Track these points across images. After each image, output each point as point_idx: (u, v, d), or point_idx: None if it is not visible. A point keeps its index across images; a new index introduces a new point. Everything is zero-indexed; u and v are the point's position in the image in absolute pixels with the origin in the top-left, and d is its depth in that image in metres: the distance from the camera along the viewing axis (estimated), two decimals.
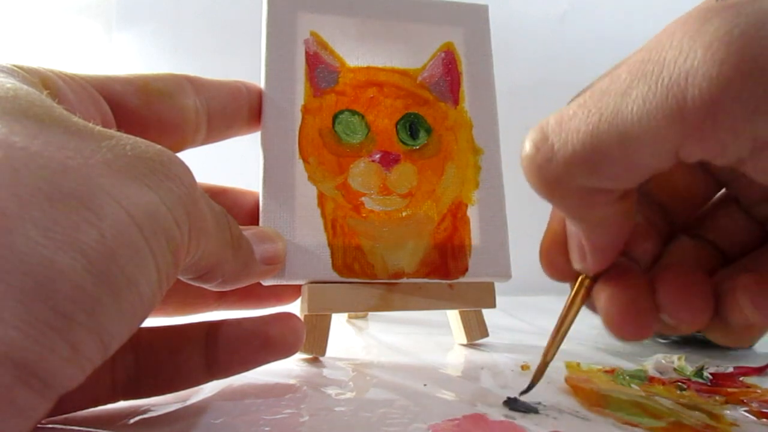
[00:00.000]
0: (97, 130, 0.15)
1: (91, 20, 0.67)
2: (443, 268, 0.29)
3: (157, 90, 0.23)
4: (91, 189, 0.13)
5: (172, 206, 0.15)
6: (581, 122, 0.14)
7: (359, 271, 0.27)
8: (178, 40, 0.68)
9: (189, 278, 0.19)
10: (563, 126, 0.15)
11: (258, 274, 0.23)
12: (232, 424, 0.20)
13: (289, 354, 0.23)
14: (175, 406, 0.22)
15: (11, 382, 0.11)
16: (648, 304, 0.18)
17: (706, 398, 0.25)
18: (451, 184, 0.30)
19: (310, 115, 0.28)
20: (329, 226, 0.27)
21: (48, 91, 0.16)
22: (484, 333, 0.32)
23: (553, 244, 0.20)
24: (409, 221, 0.28)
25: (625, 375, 0.27)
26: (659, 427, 0.21)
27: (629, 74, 0.14)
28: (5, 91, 0.14)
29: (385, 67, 0.30)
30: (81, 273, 0.12)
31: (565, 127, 0.15)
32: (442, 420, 0.20)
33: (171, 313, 0.26)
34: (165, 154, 0.15)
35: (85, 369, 0.12)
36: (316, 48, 0.29)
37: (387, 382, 0.25)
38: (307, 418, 0.21)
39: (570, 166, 0.15)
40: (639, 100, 0.13)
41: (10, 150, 0.12)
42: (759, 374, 0.29)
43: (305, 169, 0.28)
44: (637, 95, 0.13)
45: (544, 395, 0.24)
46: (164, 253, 0.14)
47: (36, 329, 0.11)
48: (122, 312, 0.13)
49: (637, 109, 0.13)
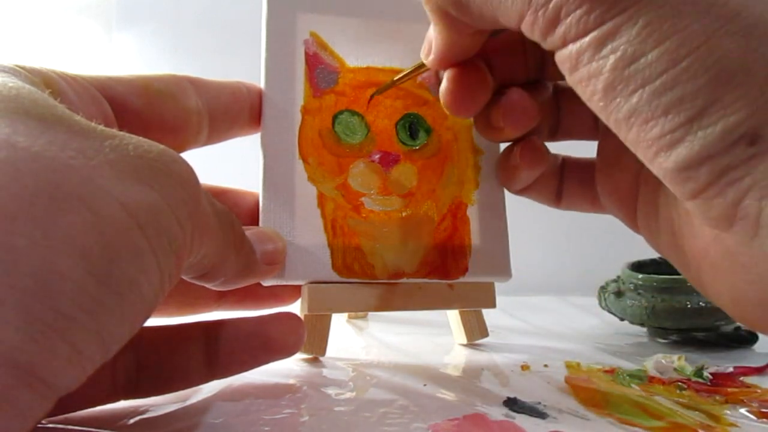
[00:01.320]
0: (99, 129, 0.15)
1: (91, 20, 0.67)
2: (443, 268, 0.29)
3: (159, 91, 0.23)
4: (93, 189, 0.13)
5: (175, 206, 0.15)
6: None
7: (359, 272, 0.27)
8: (178, 40, 0.68)
9: (190, 277, 0.19)
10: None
11: (259, 274, 0.23)
12: (232, 424, 0.20)
13: (290, 354, 0.23)
14: (175, 406, 0.22)
15: (12, 383, 0.11)
16: (478, 84, 0.24)
17: (706, 398, 0.25)
18: (451, 184, 0.30)
19: (310, 116, 0.28)
20: (329, 227, 0.27)
21: (50, 91, 0.16)
22: (484, 333, 0.32)
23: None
24: (409, 221, 0.28)
25: (625, 375, 0.27)
26: (659, 427, 0.21)
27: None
28: (8, 90, 0.14)
29: (384, 67, 0.30)
30: (82, 274, 0.12)
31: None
32: (442, 420, 0.20)
33: (171, 313, 0.27)
34: (168, 154, 0.15)
35: (86, 370, 0.12)
36: (316, 48, 0.29)
37: (387, 382, 0.25)
38: (307, 418, 0.21)
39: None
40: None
41: (13, 150, 0.12)
42: (759, 374, 0.29)
43: (305, 169, 0.28)
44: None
45: (544, 395, 0.24)
46: (166, 254, 0.14)
47: (37, 330, 0.11)
48: (123, 313, 0.13)
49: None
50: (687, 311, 0.34)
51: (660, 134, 0.16)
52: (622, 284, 0.39)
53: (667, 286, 0.36)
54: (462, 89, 0.24)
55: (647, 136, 0.16)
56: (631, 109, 0.16)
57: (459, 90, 0.24)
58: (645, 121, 0.16)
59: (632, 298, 0.37)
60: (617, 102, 0.16)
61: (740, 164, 0.15)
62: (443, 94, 0.25)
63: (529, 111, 0.24)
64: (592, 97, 0.17)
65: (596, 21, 0.16)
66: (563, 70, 0.18)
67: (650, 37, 0.15)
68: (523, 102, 0.24)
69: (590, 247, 0.65)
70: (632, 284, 0.38)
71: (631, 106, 0.16)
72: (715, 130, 0.15)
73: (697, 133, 0.15)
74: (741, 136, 0.15)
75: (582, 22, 0.16)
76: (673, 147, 0.16)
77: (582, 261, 0.63)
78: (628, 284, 0.38)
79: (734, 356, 0.33)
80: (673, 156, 0.16)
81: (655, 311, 0.35)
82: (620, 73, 0.16)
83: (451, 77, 0.24)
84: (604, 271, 0.43)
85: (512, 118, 0.24)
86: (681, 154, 0.16)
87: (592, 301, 0.43)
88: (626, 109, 0.16)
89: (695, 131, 0.15)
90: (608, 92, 0.16)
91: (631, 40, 0.16)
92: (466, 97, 0.24)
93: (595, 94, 0.17)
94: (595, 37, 0.16)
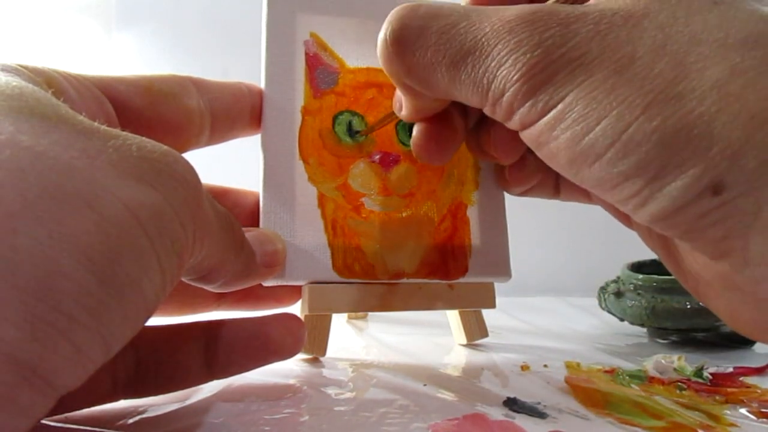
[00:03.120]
0: (102, 129, 0.15)
1: (91, 20, 0.67)
2: (443, 268, 0.29)
3: (161, 91, 0.23)
4: (96, 190, 0.13)
5: (178, 207, 0.15)
6: (438, 54, 0.19)
7: (360, 272, 0.27)
8: (178, 40, 0.68)
9: (190, 279, 0.19)
10: (430, 42, 0.20)
11: (258, 276, 0.23)
12: (232, 424, 0.20)
13: (290, 356, 0.23)
14: (175, 406, 0.22)
15: (14, 381, 0.11)
16: (448, 136, 0.25)
17: (706, 398, 0.25)
18: (451, 185, 0.30)
19: (310, 116, 0.28)
20: (329, 227, 0.27)
21: (53, 90, 0.16)
22: (484, 333, 0.32)
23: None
24: (410, 222, 0.29)
25: (625, 375, 0.27)
26: (659, 426, 0.21)
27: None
28: (11, 90, 0.14)
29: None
30: (84, 274, 0.12)
31: (431, 42, 0.20)
32: (442, 420, 0.20)
33: (171, 312, 0.27)
34: (171, 155, 0.15)
35: (88, 369, 0.12)
36: (316, 49, 0.29)
37: (387, 382, 0.25)
38: (307, 417, 0.21)
39: (414, 71, 0.20)
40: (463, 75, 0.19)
41: (16, 149, 0.12)
42: (759, 374, 0.29)
43: (305, 169, 0.28)
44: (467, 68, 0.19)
45: (544, 395, 0.24)
46: (169, 255, 0.14)
47: (39, 329, 0.11)
48: (125, 313, 0.13)
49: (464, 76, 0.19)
50: (687, 311, 0.34)
51: (629, 195, 0.17)
52: (622, 285, 0.39)
53: (667, 287, 0.36)
54: (431, 143, 0.25)
55: (619, 197, 0.17)
56: (596, 179, 0.17)
57: (428, 144, 0.25)
58: (612, 187, 0.17)
59: (632, 299, 0.37)
60: (583, 173, 0.17)
61: (711, 212, 0.15)
62: (413, 145, 0.25)
63: (516, 142, 0.24)
64: (561, 170, 0.18)
65: (543, 110, 0.17)
66: (531, 147, 0.19)
67: (592, 115, 0.16)
68: (509, 135, 0.24)
69: (590, 248, 0.65)
70: (632, 285, 0.38)
71: (594, 177, 0.17)
72: (677, 186, 0.15)
73: (662, 191, 0.16)
74: (704, 189, 0.15)
75: (532, 112, 0.18)
76: (644, 205, 0.16)
77: (582, 261, 0.63)
78: (628, 285, 0.38)
79: (734, 356, 0.33)
80: (647, 211, 0.16)
81: (655, 312, 0.35)
82: (575, 149, 0.17)
83: (421, 131, 0.25)
84: (604, 271, 0.43)
85: (501, 150, 0.25)
86: (654, 210, 0.16)
87: (592, 302, 0.43)
88: (592, 178, 0.17)
89: (660, 189, 0.16)
90: (572, 166, 0.17)
91: (577, 119, 0.17)
92: (435, 149, 0.25)
93: (563, 168, 0.18)
94: (546, 122, 0.17)
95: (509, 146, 0.25)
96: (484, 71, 0.18)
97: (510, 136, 0.24)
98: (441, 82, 0.20)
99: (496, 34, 0.18)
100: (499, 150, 0.25)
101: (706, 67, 0.15)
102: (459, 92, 0.20)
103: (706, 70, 0.15)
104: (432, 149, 0.25)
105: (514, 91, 0.18)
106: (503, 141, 0.25)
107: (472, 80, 0.19)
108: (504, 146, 0.25)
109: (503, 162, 0.26)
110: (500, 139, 0.25)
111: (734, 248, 0.16)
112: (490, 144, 0.25)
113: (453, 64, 0.19)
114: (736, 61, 0.15)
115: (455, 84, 0.19)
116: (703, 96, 0.15)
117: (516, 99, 0.18)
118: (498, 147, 0.25)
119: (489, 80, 0.18)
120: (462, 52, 0.19)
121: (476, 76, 0.18)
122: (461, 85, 0.19)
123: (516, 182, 0.28)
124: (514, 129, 0.19)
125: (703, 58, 0.16)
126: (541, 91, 0.17)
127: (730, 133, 0.15)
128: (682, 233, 0.17)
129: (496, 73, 0.18)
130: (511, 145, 0.25)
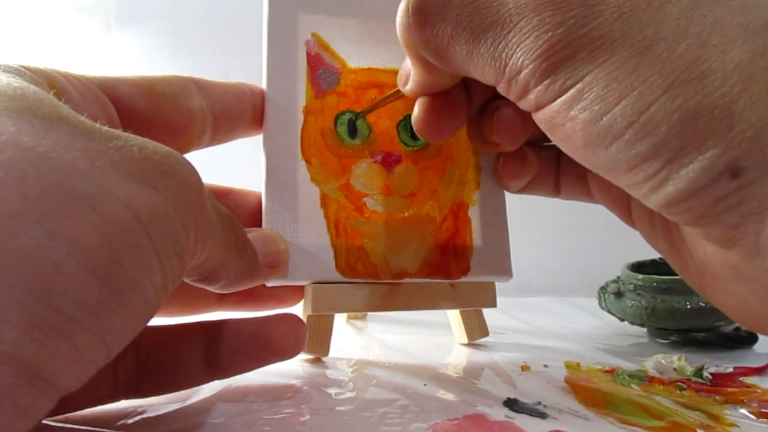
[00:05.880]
0: (104, 130, 0.15)
1: (90, 19, 0.67)
2: (445, 268, 0.29)
3: (164, 92, 0.23)
4: (97, 191, 0.13)
5: (179, 208, 0.15)
6: (459, 27, 0.19)
7: (362, 272, 0.27)
8: (178, 40, 0.68)
9: (193, 280, 0.19)
10: (448, 18, 0.19)
11: (261, 277, 0.23)
12: (232, 424, 0.20)
13: (291, 356, 0.23)
14: (175, 406, 0.22)
15: (15, 382, 0.11)
16: (452, 113, 0.24)
17: (706, 398, 0.25)
18: (453, 185, 0.30)
19: (312, 117, 0.28)
20: (332, 227, 0.27)
21: (54, 91, 0.16)
22: (485, 332, 0.32)
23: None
24: (412, 222, 0.29)
25: (625, 375, 0.27)
26: (659, 426, 0.21)
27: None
28: (13, 90, 0.14)
29: (386, 68, 0.30)
30: (85, 275, 0.12)
31: (453, 14, 0.19)
32: (442, 420, 0.20)
33: (173, 313, 0.26)
34: (173, 156, 0.15)
35: (88, 370, 0.12)
36: (317, 49, 0.29)
37: (387, 382, 0.25)
38: (308, 417, 0.21)
39: (433, 42, 0.20)
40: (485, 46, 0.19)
41: (18, 150, 0.12)
42: (759, 374, 0.29)
43: (308, 170, 0.28)
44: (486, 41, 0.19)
45: (544, 395, 0.24)
46: (170, 256, 0.14)
47: (40, 330, 0.11)
48: (126, 314, 0.13)
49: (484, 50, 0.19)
50: (687, 312, 0.34)
51: (645, 178, 0.16)
52: (622, 285, 0.39)
53: (667, 287, 0.36)
54: (433, 116, 0.24)
55: (634, 180, 0.17)
56: (612, 161, 0.17)
57: (431, 119, 0.24)
58: (628, 169, 0.17)
59: (632, 299, 0.37)
60: (598, 156, 0.17)
61: (728, 196, 0.15)
62: (414, 121, 0.25)
63: (521, 126, 0.24)
64: (575, 152, 0.18)
65: (561, 89, 0.17)
66: (543, 129, 0.19)
67: (612, 95, 0.16)
68: (515, 118, 0.24)
69: (590, 248, 0.65)
70: (632, 285, 0.38)
71: (611, 159, 0.17)
72: (694, 168, 0.15)
73: (679, 173, 0.16)
74: (722, 171, 0.15)
75: (549, 91, 0.17)
76: (660, 187, 0.16)
77: (582, 261, 0.63)
78: (628, 285, 0.38)
79: (734, 356, 0.33)
80: (662, 194, 0.16)
81: (655, 312, 0.35)
82: (592, 130, 0.17)
83: (424, 106, 0.24)
84: (604, 271, 0.43)
85: (505, 134, 0.25)
86: (670, 193, 0.16)
87: (593, 302, 0.43)
88: (607, 161, 0.17)
89: (677, 171, 0.16)
90: (587, 148, 0.17)
91: (595, 99, 0.16)
92: (437, 125, 0.24)
93: (577, 150, 0.18)
94: (563, 102, 0.17)
95: (512, 131, 0.25)
96: (504, 47, 0.18)
97: (514, 120, 0.24)
98: (458, 55, 0.19)
99: (519, 10, 0.18)
100: (502, 134, 0.25)
101: (728, 50, 0.15)
102: (475, 67, 0.19)
103: (728, 52, 0.15)
104: (433, 123, 0.24)
105: (532, 69, 0.17)
106: (506, 125, 0.24)
107: (491, 54, 0.18)
108: (507, 131, 0.25)
109: (503, 148, 0.26)
110: (503, 123, 0.24)
111: (747, 235, 0.16)
112: (492, 128, 0.25)
113: (473, 37, 0.19)
114: (758, 44, 0.15)
115: (472, 58, 0.19)
116: (726, 77, 0.15)
117: (534, 77, 0.17)
118: (501, 131, 0.25)
119: (508, 56, 0.18)
120: (483, 26, 0.18)
121: (495, 51, 0.18)
122: (479, 59, 0.19)
123: (511, 175, 0.27)
124: (527, 109, 0.19)
125: (725, 41, 0.15)
126: (560, 69, 0.17)
127: (750, 114, 0.15)
128: (695, 218, 0.16)
129: (516, 49, 0.18)
130: (513, 129, 0.24)
